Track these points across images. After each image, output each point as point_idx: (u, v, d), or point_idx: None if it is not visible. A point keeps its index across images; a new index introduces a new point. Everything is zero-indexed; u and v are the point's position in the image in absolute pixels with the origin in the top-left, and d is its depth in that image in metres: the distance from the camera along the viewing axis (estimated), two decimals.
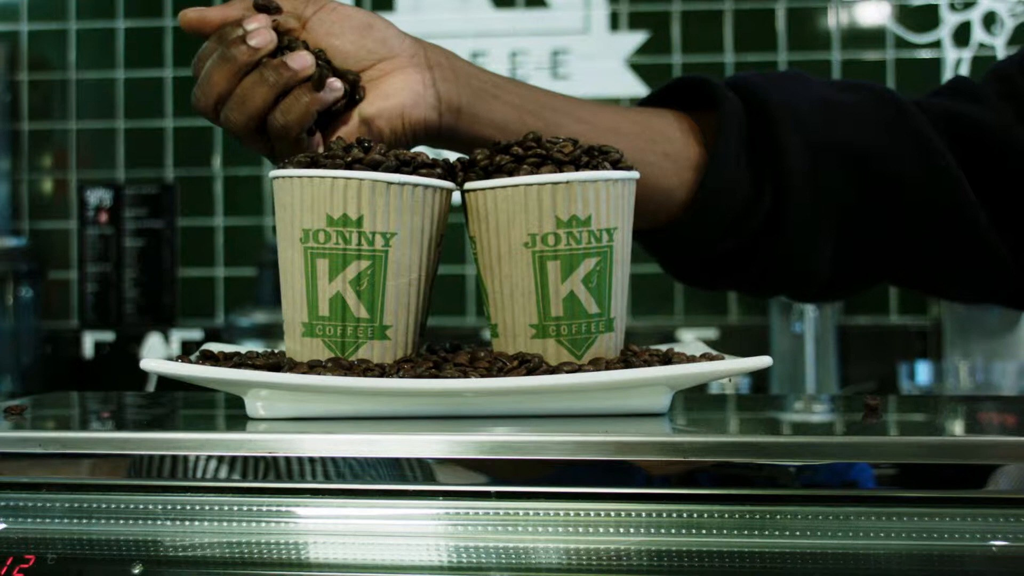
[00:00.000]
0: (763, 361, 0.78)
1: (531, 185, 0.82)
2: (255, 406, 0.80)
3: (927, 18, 3.44)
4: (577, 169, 0.83)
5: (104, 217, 3.52)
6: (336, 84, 0.90)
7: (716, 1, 3.45)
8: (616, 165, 0.85)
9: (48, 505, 0.74)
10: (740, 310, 3.38)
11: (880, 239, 1.06)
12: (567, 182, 0.82)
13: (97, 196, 3.53)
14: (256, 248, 3.39)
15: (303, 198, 0.82)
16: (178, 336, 3.44)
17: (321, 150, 0.90)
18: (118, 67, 3.54)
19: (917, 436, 0.75)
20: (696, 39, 3.42)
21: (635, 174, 0.86)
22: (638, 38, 3.38)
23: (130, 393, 1.06)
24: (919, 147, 1.03)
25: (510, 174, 0.84)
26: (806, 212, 1.02)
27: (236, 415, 0.83)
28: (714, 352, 0.85)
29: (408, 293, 0.84)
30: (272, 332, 2.96)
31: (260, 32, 0.89)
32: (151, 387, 3.31)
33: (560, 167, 0.83)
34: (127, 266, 3.52)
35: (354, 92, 0.93)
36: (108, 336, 3.48)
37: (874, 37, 3.44)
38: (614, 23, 3.39)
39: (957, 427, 0.88)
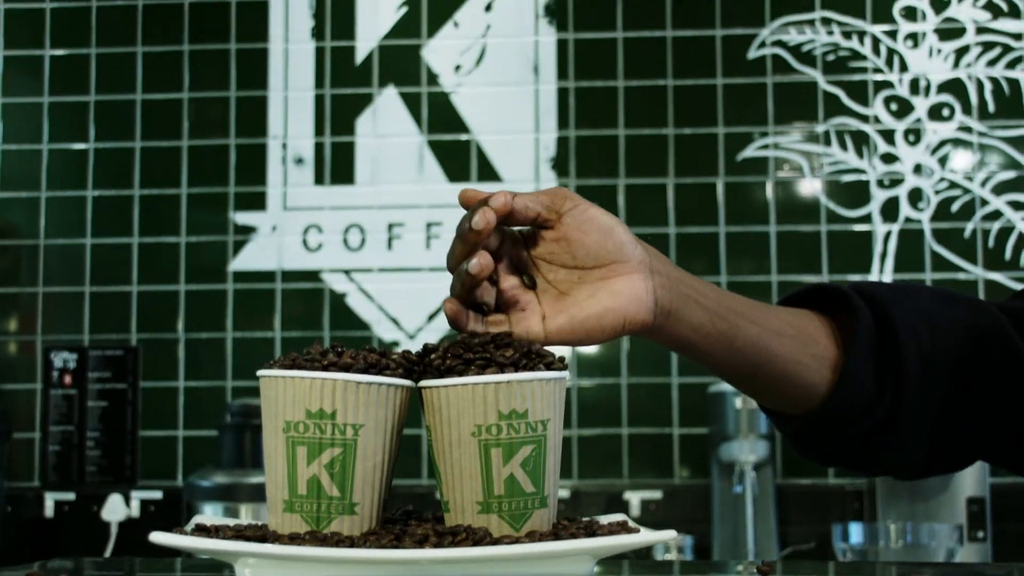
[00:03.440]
0: (667, 534, 0.92)
1: (477, 384, 0.95)
2: (243, 572, 0.91)
3: (858, 194, 3.60)
4: (516, 371, 0.96)
5: (68, 379, 3.57)
6: (483, 262, 1.00)
7: (659, 176, 3.60)
8: (550, 367, 0.98)
9: None
10: (683, 473, 3.49)
11: (971, 426, 1.18)
12: (508, 382, 0.95)
13: (62, 359, 3.57)
14: (217, 410, 3.43)
15: (286, 394, 0.95)
16: (138, 496, 3.47)
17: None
18: (86, 234, 3.62)
19: None
20: (641, 211, 3.57)
21: (564, 374, 0.98)
22: None
23: (133, 558, 1.17)
24: (1004, 349, 1.16)
25: (460, 374, 0.96)
26: (916, 409, 1.14)
27: None
28: (632, 524, 0.98)
29: (374, 475, 0.96)
30: (231, 494, 2.96)
31: (484, 216, 1.00)
32: (109, 549, 3.34)
33: (502, 369, 0.96)
34: (89, 427, 3.55)
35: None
36: (69, 496, 3.49)
37: (808, 211, 3.59)
38: None
39: None
